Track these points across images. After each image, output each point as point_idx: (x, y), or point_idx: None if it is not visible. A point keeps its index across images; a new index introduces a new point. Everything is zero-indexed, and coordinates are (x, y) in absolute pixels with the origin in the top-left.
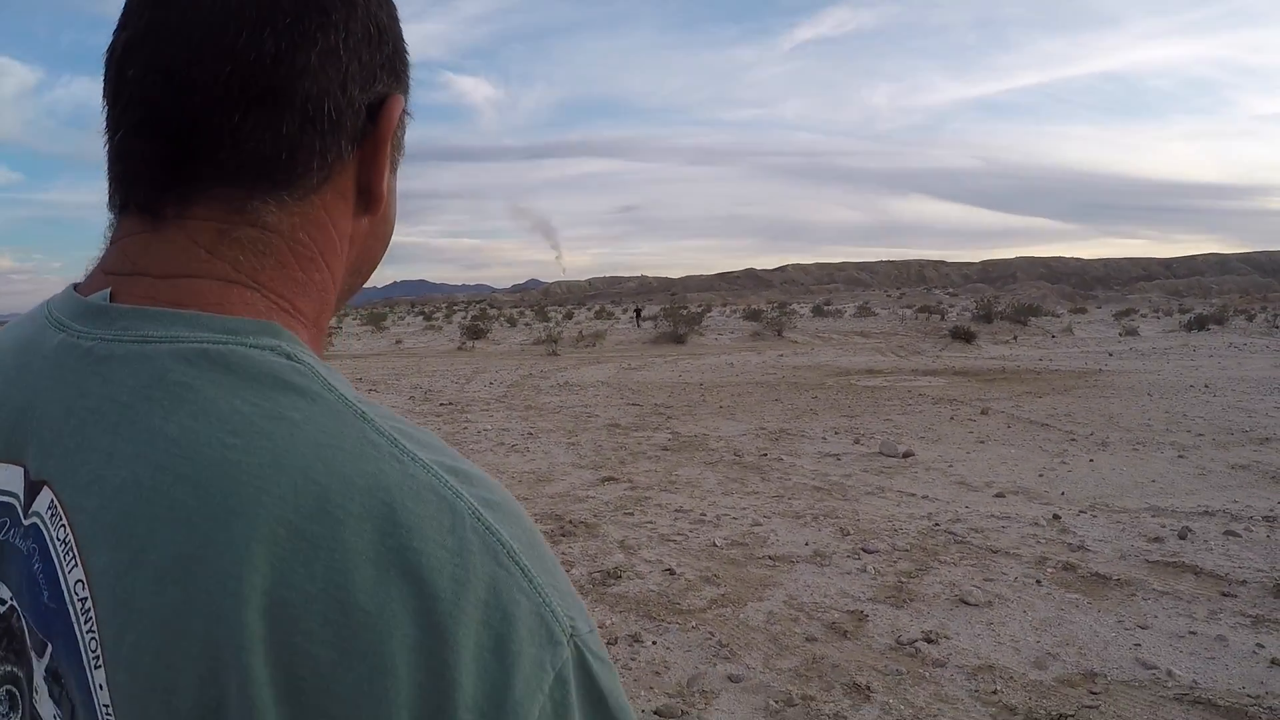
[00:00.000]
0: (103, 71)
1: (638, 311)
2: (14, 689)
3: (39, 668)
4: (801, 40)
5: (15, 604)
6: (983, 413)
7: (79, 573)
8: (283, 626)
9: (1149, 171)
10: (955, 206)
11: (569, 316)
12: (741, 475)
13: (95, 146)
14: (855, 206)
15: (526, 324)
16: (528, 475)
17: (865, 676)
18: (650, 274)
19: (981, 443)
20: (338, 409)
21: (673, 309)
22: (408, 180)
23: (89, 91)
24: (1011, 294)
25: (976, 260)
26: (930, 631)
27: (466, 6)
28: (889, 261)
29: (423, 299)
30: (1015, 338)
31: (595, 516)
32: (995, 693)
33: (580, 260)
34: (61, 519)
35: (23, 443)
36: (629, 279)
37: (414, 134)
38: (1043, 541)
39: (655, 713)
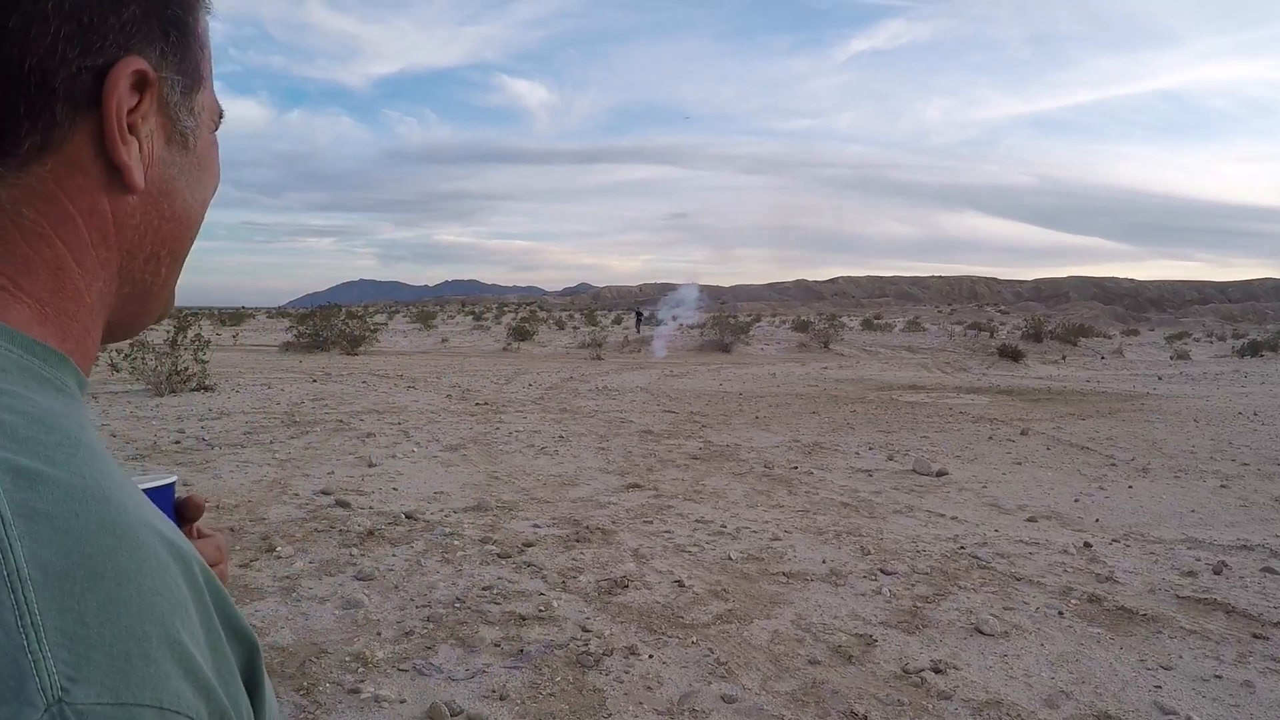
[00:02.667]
0: None
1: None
2: None
3: None
4: (856, 52)
5: None
6: (1023, 433)
7: None
8: None
9: (1205, 193)
10: (1008, 223)
11: (618, 321)
12: (769, 488)
13: None
14: (907, 220)
15: (575, 327)
16: (554, 479)
17: (864, 705)
18: (701, 282)
19: (1019, 464)
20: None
21: (721, 317)
22: (461, 180)
23: None
24: (1063, 313)
25: (1029, 278)
26: (940, 661)
27: (521, 10)
28: (940, 277)
29: (474, 299)
30: (1064, 358)
31: (614, 523)
32: None
33: (631, 266)
34: None
35: None
36: (679, 286)
37: (468, 135)
38: (1070, 570)
39: None
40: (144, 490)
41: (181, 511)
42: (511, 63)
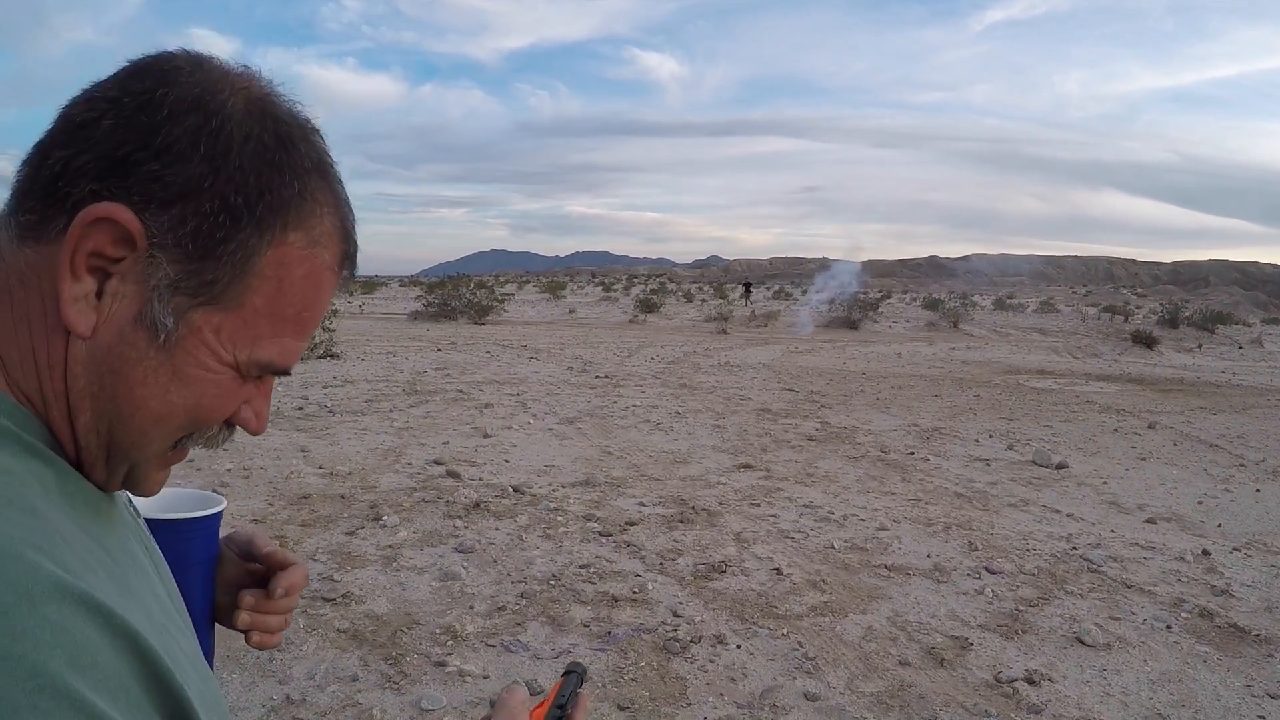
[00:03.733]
0: None
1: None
2: None
3: None
4: (991, 22)
5: None
6: (1150, 426)
7: None
8: None
9: None
10: (1147, 202)
11: (745, 295)
12: (883, 473)
13: None
14: (1043, 197)
15: (703, 300)
16: (665, 455)
17: (950, 713)
18: (831, 256)
19: (1143, 459)
20: None
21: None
22: (591, 153)
23: (283, 61)
24: (1202, 298)
25: (1168, 260)
26: (1035, 671)
27: None
28: (1076, 257)
29: (604, 270)
30: (1200, 346)
31: (720, 504)
32: None
33: (761, 239)
34: None
35: None
36: (810, 259)
37: (598, 108)
38: (1185, 580)
39: None
40: (184, 519)
41: (250, 552)
42: (641, 35)
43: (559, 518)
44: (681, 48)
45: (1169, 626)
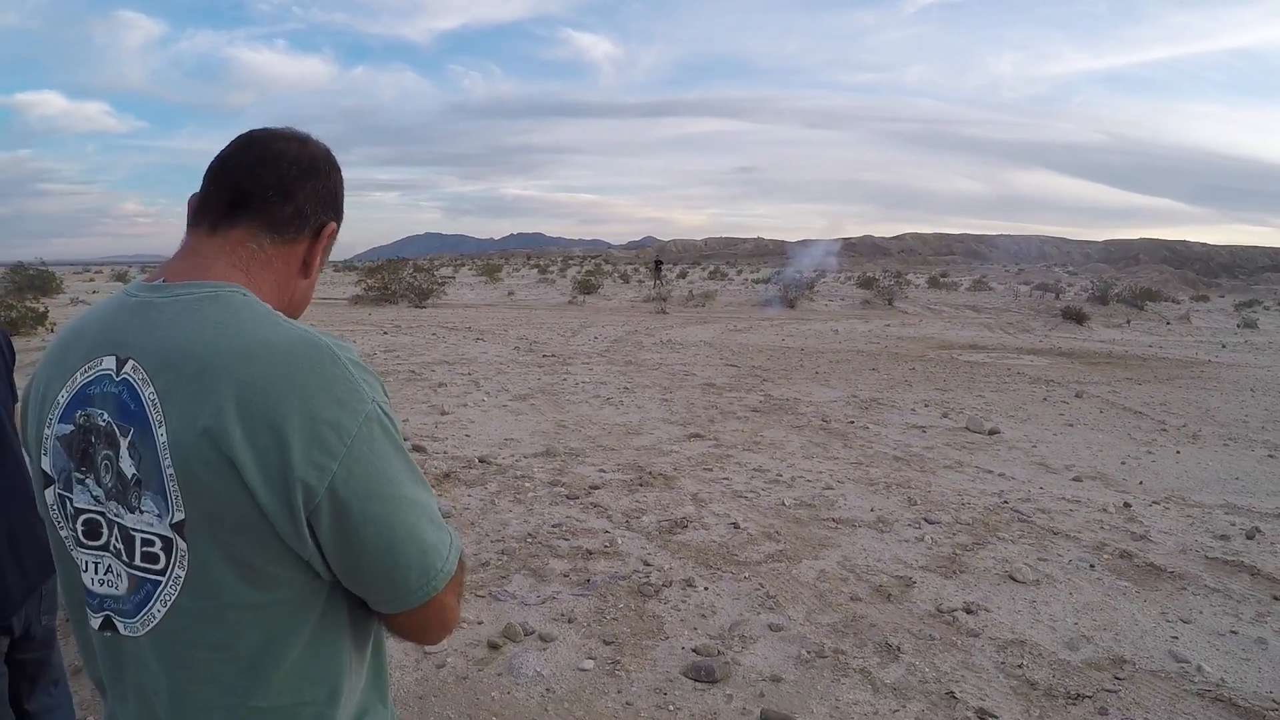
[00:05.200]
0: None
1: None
2: (109, 458)
3: (123, 444)
4: (925, 4)
5: (107, 418)
6: (1077, 395)
7: (151, 390)
8: (248, 410)
9: None
10: (1079, 182)
11: (682, 276)
12: (825, 440)
13: (218, 98)
14: (976, 177)
15: (640, 281)
16: (618, 427)
17: (899, 638)
18: (766, 236)
19: (1071, 425)
20: (263, 311)
21: (786, 275)
22: (526, 134)
23: (213, 44)
24: (1132, 276)
25: (1099, 239)
26: (972, 603)
27: None
28: (1009, 235)
29: (539, 252)
30: (1129, 322)
31: (675, 470)
32: (1020, 667)
33: (696, 220)
34: (140, 369)
35: (116, 343)
36: (745, 240)
37: (532, 90)
38: (1107, 528)
39: (694, 650)
40: None
41: None
42: (575, 15)
43: (526, 484)
44: (616, 29)
45: (1092, 566)
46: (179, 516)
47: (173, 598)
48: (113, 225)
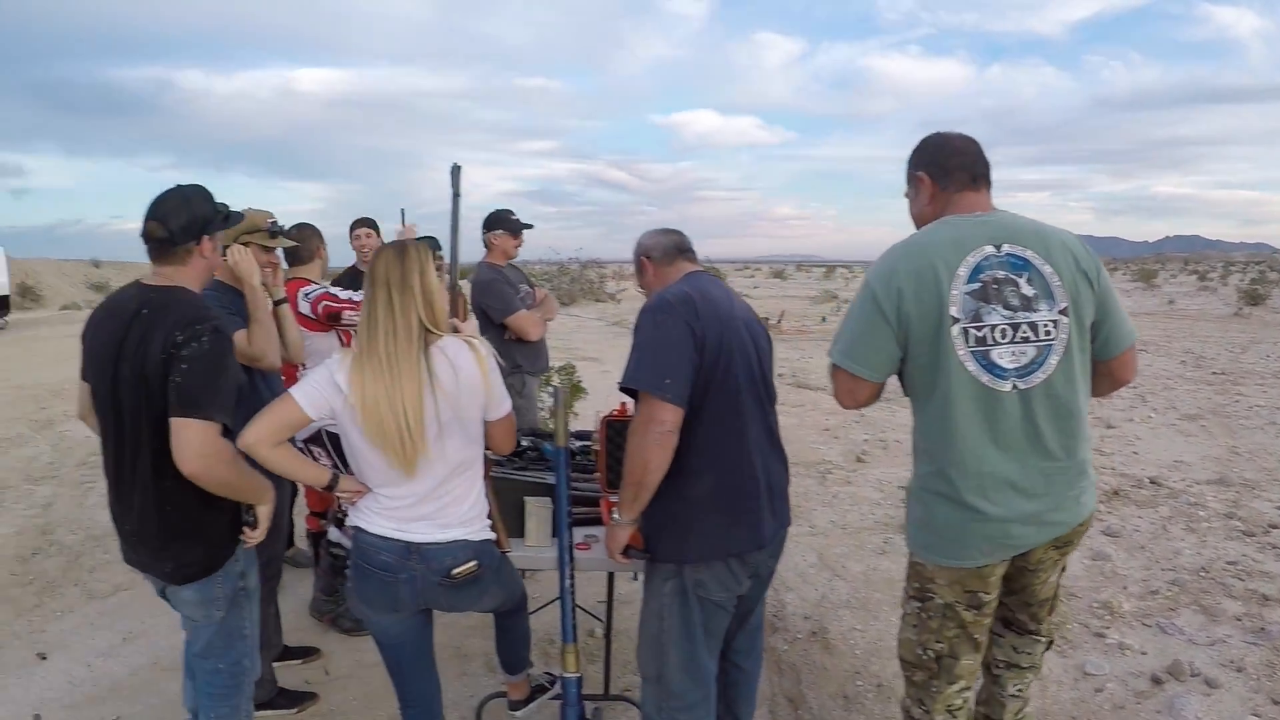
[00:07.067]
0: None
1: None
2: (1012, 290)
3: (1021, 280)
4: None
5: (1004, 273)
6: None
7: (1028, 251)
8: (1073, 250)
9: None
10: None
11: None
12: None
13: (859, 106)
14: None
15: None
16: None
17: None
18: None
19: None
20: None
21: None
22: (1174, 125)
23: (848, 56)
24: None
25: None
26: None
27: None
28: None
29: (1197, 256)
30: None
31: None
32: None
33: None
34: (1009, 246)
35: (989, 238)
36: None
37: (1176, 75)
38: None
39: None
40: None
41: None
42: None
43: (1199, 513)
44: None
45: None
46: (1063, 305)
47: (1059, 355)
48: (767, 227)
